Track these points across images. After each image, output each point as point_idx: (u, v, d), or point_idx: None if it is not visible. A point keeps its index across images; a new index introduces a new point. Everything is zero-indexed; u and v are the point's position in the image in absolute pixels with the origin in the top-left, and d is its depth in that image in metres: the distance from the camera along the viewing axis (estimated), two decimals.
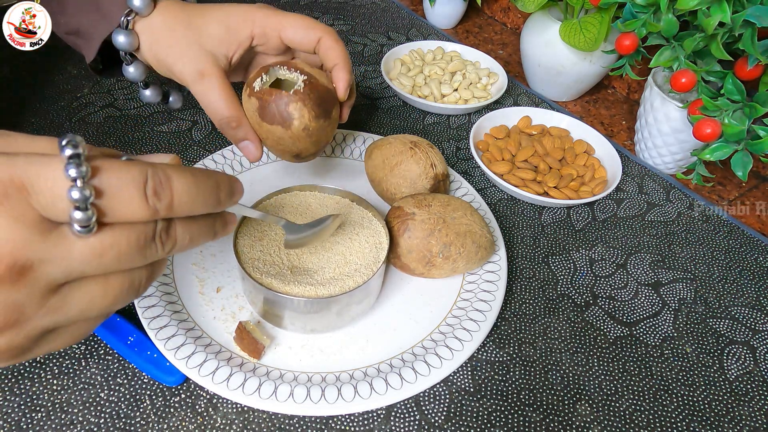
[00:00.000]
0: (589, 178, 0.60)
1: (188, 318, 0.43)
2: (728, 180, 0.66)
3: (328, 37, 0.45)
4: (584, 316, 0.48)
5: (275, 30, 0.45)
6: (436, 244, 0.45)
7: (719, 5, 0.49)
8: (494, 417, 0.41)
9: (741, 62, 0.53)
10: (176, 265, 0.47)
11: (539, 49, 0.71)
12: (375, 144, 0.54)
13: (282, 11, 0.45)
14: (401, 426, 0.40)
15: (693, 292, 0.52)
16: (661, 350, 0.47)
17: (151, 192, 0.22)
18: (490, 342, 0.46)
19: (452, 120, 0.70)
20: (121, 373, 0.41)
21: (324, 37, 0.45)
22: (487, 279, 0.48)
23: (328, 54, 0.45)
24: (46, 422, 0.37)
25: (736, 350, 0.47)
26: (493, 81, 0.73)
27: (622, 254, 0.54)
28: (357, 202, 0.47)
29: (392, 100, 0.72)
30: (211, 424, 0.38)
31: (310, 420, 0.39)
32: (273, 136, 0.43)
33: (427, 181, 0.51)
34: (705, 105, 0.53)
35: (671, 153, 0.62)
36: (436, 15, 0.90)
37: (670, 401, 0.43)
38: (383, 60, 0.73)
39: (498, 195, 0.60)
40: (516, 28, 0.93)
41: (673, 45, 0.56)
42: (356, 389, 0.39)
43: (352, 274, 0.41)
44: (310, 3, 0.92)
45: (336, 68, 0.45)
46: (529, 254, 0.53)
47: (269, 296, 0.40)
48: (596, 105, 0.78)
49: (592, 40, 0.63)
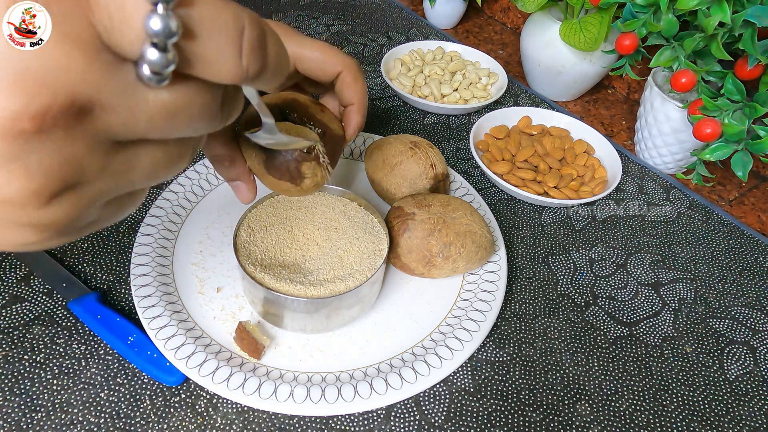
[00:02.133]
0: (589, 178, 0.60)
1: (188, 318, 0.43)
2: (728, 180, 0.66)
3: (347, 73, 0.41)
4: (584, 316, 0.48)
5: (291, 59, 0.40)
6: (436, 244, 0.45)
7: (719, 5, 0.49)
8: (494, 417, 0.41)
9: (741, 62, 0.53)
10: (176, 265, 0.47)
11: (539, 49, 0.71)
12: (375, 144, 0.54)
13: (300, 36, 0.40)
14: (401, 426, 0.40)
15: (693, 292, 0.52)
16: (661, 350, 0.47)
17: (249, 48, 0.17)
18: (490, 342, 0.46)
19: (452, 120, 0.70)
20: (121, 373, 0.40)
21: (344, 72, 0.41)
22: (487, 279, 0.48)
23: (345, 92, 0.41)
24: (46, 422, 0.37)
25: (736, 350, 0.47)
26: (493, 81, 0.73)
27: (622, 254, 0.54)
28: (357, 202, 0.47)
29: (392, 100, 0.72)
30: (211, 424, 0.38)
31: (310, 420, 0.39)
32: (279, 187, 0.40)
33: (427, 181, 0.51)
34: (705, 105, 0.53)
35: (671, 153, 0.62)
36: (436, 15, 0.90)
37: (670, 401, 0.43)
38: (383, 60, 0.73)
39: (498, 195, 0.60)
40: (516, 28, 0.93)
41: (673, 45, 0.56)
42: (356, 389, 0.39)
43: (346, 278, 0.41)
44: (310, 3, 0.92)
45: (350, 109, 0.41)
46: (529, 254, 0.53)
47: (262, 292, 0.40)
48: (596, 105, 0.78)
49: (592, 40, 0.63)
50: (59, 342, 0.42)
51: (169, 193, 0.52)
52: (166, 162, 0.19)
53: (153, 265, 0.46)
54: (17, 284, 0.45)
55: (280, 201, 0.46)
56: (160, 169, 0.19)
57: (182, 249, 0.48)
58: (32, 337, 0.42)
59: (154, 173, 0.18)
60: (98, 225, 0.19)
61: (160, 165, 0.18)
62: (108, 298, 0.45)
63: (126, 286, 0.46)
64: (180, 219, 0.50)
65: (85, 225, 0.18)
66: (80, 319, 0.43)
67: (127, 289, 0.46)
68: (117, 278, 0.47)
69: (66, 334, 0.42)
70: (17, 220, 0.16)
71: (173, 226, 0.50)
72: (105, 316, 0.42)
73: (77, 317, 0.43)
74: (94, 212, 0.18)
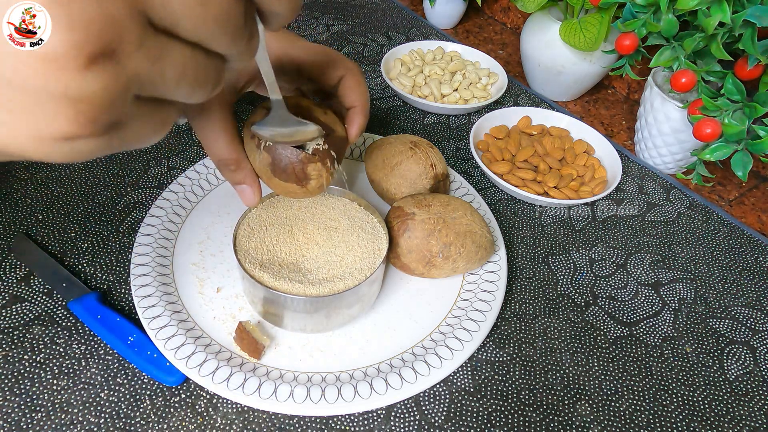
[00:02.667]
0: (589, 178, 0.60)
1: (188, 318, 0.43)
2: (728, 180, 0.66)
3: (350, 76, 0.41)
4: (584, 316, 0.48)
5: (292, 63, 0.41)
6: (436, 244, 0.45)
7: (719, 5, 0.49)
8: (494, 417, 0.41)
9: (741, 62, 0.53)
10: (176, 265, 0.47)
11: (539, 49, 0.71)
12: (375, 144, 0.54)
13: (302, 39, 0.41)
14: (401, 426, 0.40)
15: (693, 292, 0.52)
16: (661, 350, 0.47)
17: None
18: (490, 342, 0.46)
19: (452, 120, 0.70)
20: (121, 373, 0.41)
21: (347, 75, 0.41)
22: (487, 279, 0.48)
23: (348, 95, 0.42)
24: (46, 422, 0.37)
25: (736, 350, 0.47)
26: (493, 81, 0.73)
27: (622, 254, 0.55)
28: (357, 202, 0.47)
29: (392, 100, 0.72)
30: (211, 424, 0.38)
31: (310, 420, 0.39)
32: (285, 189, 0.40)
33: (427, 181, 0.51)
34: (705, 105, 0.53)
35: (671, 153, 0.62)
36: (436, 15, 0.90)
37: (670, 401, 0.43)
38: (383, 60, 0.73)
39: (498, 195, 0.60)
40: (516, 28, 0.93)
41: (673, 45, 0.56)
42: (356, 389, 0.39)
43: (345, 277, 0.41)
44: (310, 3, 0.92)
45: (353, 111, 0.42)
46: (529, 254, 0.53)
47: (262, 292, 0.40)
48: (596, 105, 0.78)
49: (592, 40, 0.63)
50: (59, 342, 0.42)
51: (169, 193, 0.52)
52: (194, 71, 0.19)
53: (153, 265, 0.46)
54: (17, 284, 0.45)
55: (280, 201, 0.46)
56: (189, 76, 0.19)
57: (182, 249, 0.48)
58: (32, 337, 0.42)
59: (183, 78, 0.19)
60: (129, 135, 0.20)
61: (189, 70, 0.19)
62: (108, 298, 0.45)
63: (126, 286, 0.46)
64: (180, 219, 0.51)
65: (119, 124, 0.19)
66: (80, 319, 0.43)
67: (127, 289, 0.46)
68: (117, 278, 0.47)
69: (66, 334, 0.42)
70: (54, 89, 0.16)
71: (173, 226, 0.50)
72: (105, 316, 0.42)
73: (77, 317, 0.43)
74: (128, 105, 0.18)
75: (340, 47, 0.81)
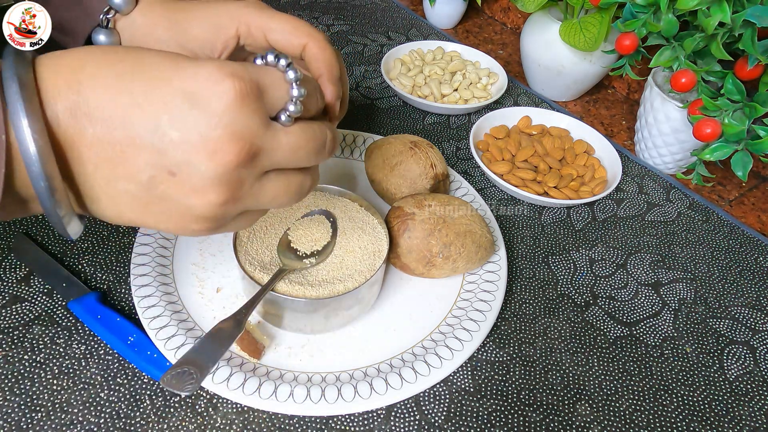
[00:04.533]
0: (589, 178, 0.60)
1: (188, 318, 0.43)
2: (728, 180, 0.66)
3: (313, 44, 0.39)
4: (584, 316, 0.48)
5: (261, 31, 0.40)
6: (436, 244, 0.45)
7: (719, 5, 0.49)
8: (494, 417, 0.41)
9: (741, 62, 0.53)
10: (176, 265, 0.47)
11: (539, 49, 0.71)
12: (375, 144, 0.54)
13: (271, 10, 0.40)
14: (401, 426, 0.40)
15: (693, 292, 0.52)
16: (661, 350, 0.47)
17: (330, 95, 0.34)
18: (490, 342, 0.46)
19: (452, 120, 0.70)
20: (121, 373, 0.41)
21: (309, 43, 0.39)
22: (487, 279, 0.48)
23: (313, 64, 0.40)
24: (46, 422, 0.37)
25: (736, 350, 0.47)
26: (493, 81, 0.73)
27: (622, 254, 0.55)
28: (357, 202, 0.47)
29: (392, 100, 0.72)
30: (211, 424, 0.38)
31: (310, 420, 0.39)
32: None
33: (427, 181, 0.51)
34: (705, 105, 0.53)
35: (671, 153, 0.62)
36: (436, 15, 0.90)
37: (670, 401, 0.43)
38: (383, 60, 0.73)
39: (498, 195, 0.60)
40: (516, 28, 0.93)
41: (673, 45, 0.56)
42: (356, 389, 0.39)
43: (345, 279, 0.41)
44: (310, 3, 0.92)
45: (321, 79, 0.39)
46: (529, 254, 0.53)
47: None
48: (596, 105, 0.78)
49: (592, 40, 0.63)
50: (59, 342, 0.42)
51: None
52: (287, 189, 0.29)
53: (153, 265, 0.46)
54: (17, 284, 0.45)
55: None
56: (281, 193, 0.29)
57: (182, 249, 0.48)
58: (32, 337, 0.42)
59: (276, 197, 0.29)
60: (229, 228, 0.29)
61: (281, 190, 0.29)
62: (108, 298, 0.45)
63: (126, 286, 0.46)
64: None
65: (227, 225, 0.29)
66: (80, 319, 0.43)
67: (127, 289, 0.46)
68: (117, 278, 0.47)
69: (66, 334, 0.42)
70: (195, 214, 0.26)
71: None
72: (105, 316, 0.42)
73: (77, 317, 0.43)
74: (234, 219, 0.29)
75: (340, 47, 0.81)
